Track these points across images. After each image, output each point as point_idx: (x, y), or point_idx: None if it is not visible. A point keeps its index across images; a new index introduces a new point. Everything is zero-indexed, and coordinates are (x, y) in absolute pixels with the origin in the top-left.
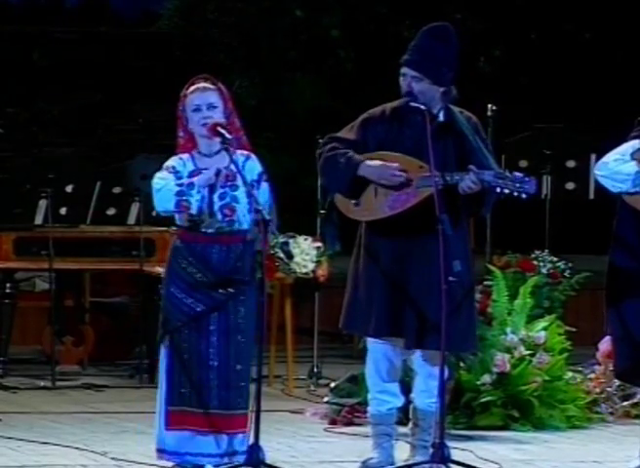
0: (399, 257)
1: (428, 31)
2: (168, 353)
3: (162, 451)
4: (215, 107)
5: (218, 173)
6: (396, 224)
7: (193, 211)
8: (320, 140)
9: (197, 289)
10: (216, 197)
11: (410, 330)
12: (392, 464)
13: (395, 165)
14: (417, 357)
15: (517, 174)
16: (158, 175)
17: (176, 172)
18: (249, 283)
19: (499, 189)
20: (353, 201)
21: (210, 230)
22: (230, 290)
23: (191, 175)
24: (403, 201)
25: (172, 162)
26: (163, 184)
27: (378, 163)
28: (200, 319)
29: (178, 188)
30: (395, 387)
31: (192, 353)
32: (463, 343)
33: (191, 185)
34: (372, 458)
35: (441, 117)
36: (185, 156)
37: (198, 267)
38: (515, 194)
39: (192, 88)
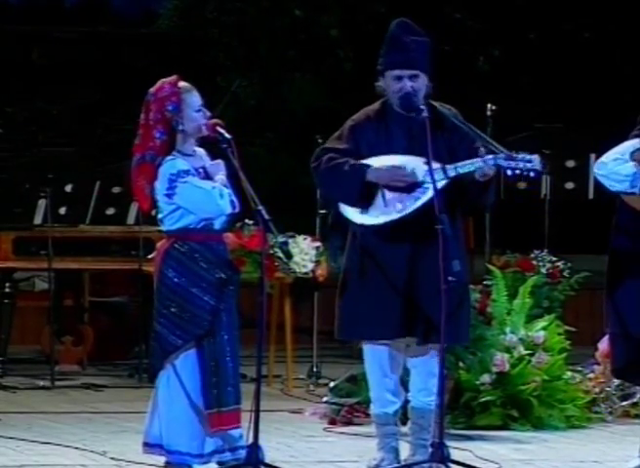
0: (408, 261)
1: (399, 29)
2: (199, 356)
3: (152, 446)
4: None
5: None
6: (402, 230)
7: (237, 209)
8: (319, 140)
9: (215, 286)
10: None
11: (421, 327)
12: (400, 462)
13: (404, 168)
14: (416, 356)
15: (523, 153)
16: (197, 182)
17: (187, 170)
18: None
19: (510, 171)
20: (359, 210)
21: (218, 227)
22: (232, 285)
23: (199, 175)
24: (415, 199)
25: (184, 166)
26: (219, 188)
27: (386, 166)
28: (218, 316)
29: (228, 190)
30: (398, 385)
31: (218, 351)
32: (466, 336)
33: (227, 186)
34: (383, 460)
35: (425, 112)
36: (177, 159)
37: (218, 265)
38: (525, 173)
39: (185, 87)
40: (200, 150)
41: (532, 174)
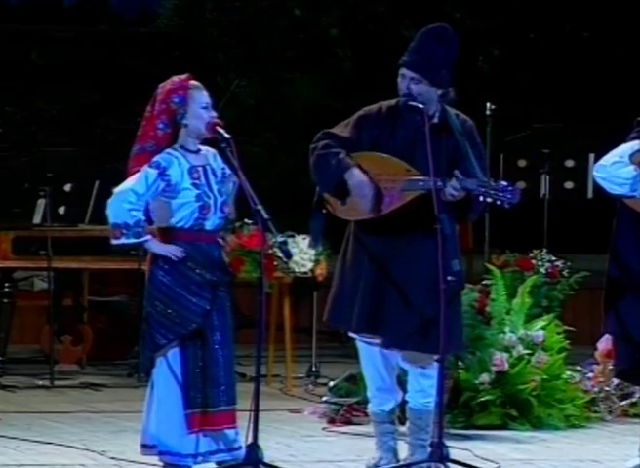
0: (386, 255)
1: (428, 32)
2: (182, 356)
3: (150, 448)
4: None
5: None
6: (384, 223)
7: (125, 240)
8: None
9: (204, 288)
10: (216, 193)
11: (390, 329)
12: (399, 461)
13: (371, 193)
14: (402, 357)
15: (502, 182)
16: (134, 180)
17: (163, 169)
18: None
19: (481, 197)
20: (340, 201)
21: (210, 228)
22: (224, 287)
23: (191, 172)
24: (387, 203)
25: (163, 161)
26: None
27: (361, 179)
28: (209, 317)
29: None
30: (394, 383)
31: (206, 352)
32: (446, 345)
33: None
34: (381, 460)
35: (436, 119)
36: (175, 153)
37: (206, 266)
38: (498, 203)
39: (195, 84)
40: (209, 150)
41: (506, 205)
